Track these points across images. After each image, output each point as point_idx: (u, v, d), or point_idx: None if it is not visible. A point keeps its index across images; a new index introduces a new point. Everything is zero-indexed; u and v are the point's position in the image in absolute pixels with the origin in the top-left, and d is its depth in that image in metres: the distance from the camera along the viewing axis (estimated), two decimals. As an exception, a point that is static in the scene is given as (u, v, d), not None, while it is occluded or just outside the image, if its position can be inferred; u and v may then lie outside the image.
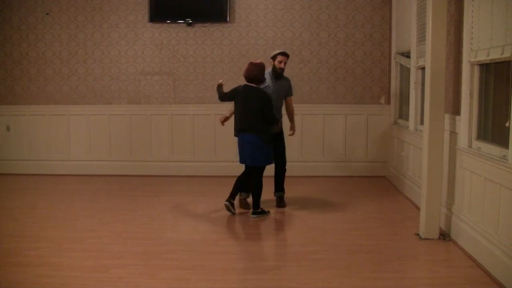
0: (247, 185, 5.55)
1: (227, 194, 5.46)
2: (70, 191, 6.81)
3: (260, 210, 5.43)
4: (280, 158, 5.72)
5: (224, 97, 5.48)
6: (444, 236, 4.62)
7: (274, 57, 5.60)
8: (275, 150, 5.51)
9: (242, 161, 5.40)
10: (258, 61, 5.41)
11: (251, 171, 5.40)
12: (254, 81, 5.27)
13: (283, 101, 5.78)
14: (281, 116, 5.70)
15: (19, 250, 4.34)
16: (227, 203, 5.38)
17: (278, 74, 5.60)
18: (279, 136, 5.69)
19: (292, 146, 7.56)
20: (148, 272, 3.89)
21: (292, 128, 5.87)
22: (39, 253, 4.27)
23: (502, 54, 3.74)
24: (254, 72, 5.26)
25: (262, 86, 5.39)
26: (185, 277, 3.80)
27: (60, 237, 4.74)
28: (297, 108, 7.46)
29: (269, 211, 5.51)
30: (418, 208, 5.35)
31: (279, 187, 5.87)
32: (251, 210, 5.45)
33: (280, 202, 5.83)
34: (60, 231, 4.92)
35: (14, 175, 7.64)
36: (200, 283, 3.73)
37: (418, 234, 4.70)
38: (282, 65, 5.58)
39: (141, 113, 7.68)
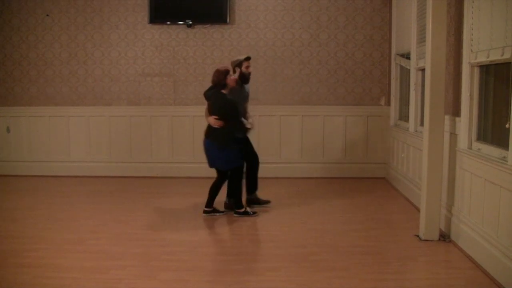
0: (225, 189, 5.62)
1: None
2: (70, 192, 6.81)
3: (243, 210, 5.45)
4: (252, 157, 5.71)
5: (205, 96, 5.56)
6: (444, 237, 4.61)
7: (239, 64, 5.56)
8: (246, 151, 5.57)
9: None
10: (222, 67, 5.42)
11: (229, 174, 5.47)
12: (217, 86, 5.33)
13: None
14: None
15: (19, 251, 4.34)
16: (205, 214, 5.48)
17: (247, 79, 5.60)
18: (246, 138, 5.69)
19: (292, 147, 7.58)
20: (148, 273, 3.89)
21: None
22: (39, 254, 4.27)
23: (502, 55, 3.74)
24: (214, 77, 5.36)
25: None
26: (184, 278, 3.80)
27: (60, 238, 4.73)
28: (297, 109, 7.54)
29: (255, 213, 5.50)
30: (418, 210, 5.34)
31: (251, 187, 5.79)
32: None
33: (252, 203, 5.78)
34: (60, 232, 4.92)
35: (14, 176, 7.64)
36: (199, 284, 3.72)
37: (418, 236, 4.70)
38: (250, 69, 5.61)
39: (141, 114, 7.68)
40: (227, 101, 5.26)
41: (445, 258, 4.26)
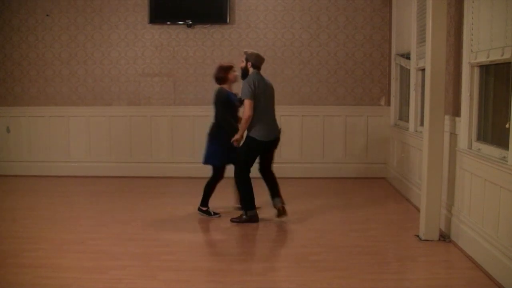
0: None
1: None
2: (70, 193, 6.80)
3: (206, 209, 5.46)
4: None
5: None
6: (444, 237, 4.61)
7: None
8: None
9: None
10: (226, 63, 5.48)
11: None
12: (216, 80, 5.39)
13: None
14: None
15: (18, 251, 4.33)
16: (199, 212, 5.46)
17: (242, 75, 5.23)
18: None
19: (292, 147, 7.58)
20: (148, 274, 3.89)
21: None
22: (39, 255, 4.27)
23: (502, 55, 3.74)
24: (215, 71, 5.41)
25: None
26: (184, 279, 3.80)
27: (60, 238, 4.73)
28: (297, 109, 7.53)
29: (217, 214, 5.43)
30: (418, 210, 5.34)
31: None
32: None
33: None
34: (60, 232, 4.92)
35: (14, 176, 7.63)
36: (199, 284, 3.72)
37: (418, 236, 4.70)
38: (241, 64, 5.22)
39: (141, 114, 7.68)
40: (216, 95, 5.30)
41: (445, 258, 4.26)
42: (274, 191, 5.32)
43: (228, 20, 7.41)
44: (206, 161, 5.35)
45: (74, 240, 4.67)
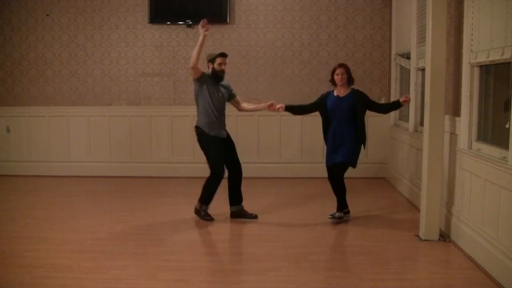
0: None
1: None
2: (70, 193, 6.80)
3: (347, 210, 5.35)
4: (234, 164, 5.35)
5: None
6: (444, 237, 4.61)
7: (213, 60, 5.29)
8: (225, 156, 5.27)
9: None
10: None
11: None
12: (351, 82, 5.63)
13: (225, 104, 5.44)
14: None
15: (18, 251, 4.33)
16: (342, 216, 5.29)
17: (219, 77, 5.28)
18: (228, 140, 5.37)
19: (292, 147, 7.58)
20: (148, 273, 3.89)
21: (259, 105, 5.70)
22: (39, 255, 4.27)
23: (502, 55, 3.74)
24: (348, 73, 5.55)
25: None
26: (184, 278, 3.80)
27: (60, 238, 4.73)
28: (297, 109, 7.51)
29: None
30: (418, 210, 5.34)
31: (237, 199, 5.41)
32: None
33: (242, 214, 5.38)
34: (60, 232, 4.92)
35: (14, 176, 7.63)
36: (199, 284, 3.72)
37: (418, 236, 4.70)
38: (223, 67, 5.29)
39: (141, 114, 7.68)
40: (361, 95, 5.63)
41: (445, 258, 4.26)
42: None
43: (228, 20, 7.41)
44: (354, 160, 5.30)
45: (74, 240, 4.67)
